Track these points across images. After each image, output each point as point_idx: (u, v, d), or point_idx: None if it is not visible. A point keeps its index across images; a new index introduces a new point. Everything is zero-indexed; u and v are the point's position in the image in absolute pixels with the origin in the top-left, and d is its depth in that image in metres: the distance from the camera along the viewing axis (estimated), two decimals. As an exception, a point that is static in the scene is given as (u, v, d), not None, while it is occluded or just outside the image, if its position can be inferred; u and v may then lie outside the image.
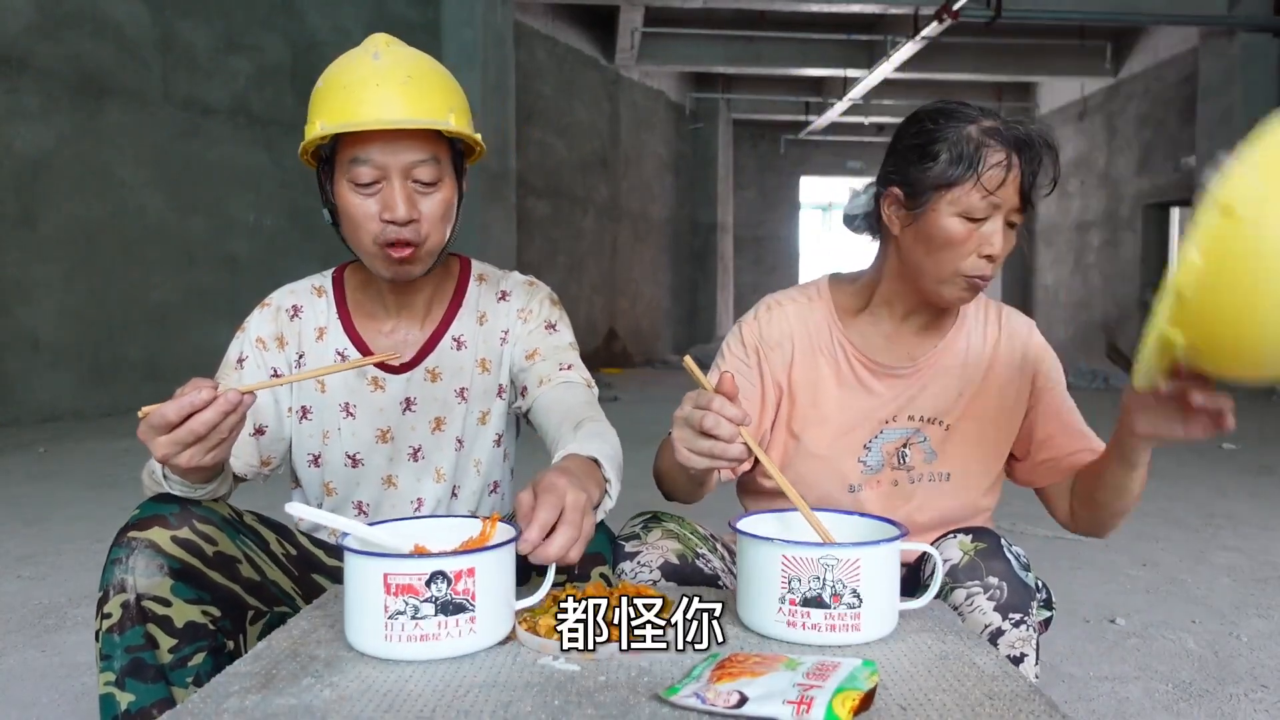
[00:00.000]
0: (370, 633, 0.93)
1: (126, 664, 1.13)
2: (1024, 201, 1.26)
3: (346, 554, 0.95)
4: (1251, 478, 4.96)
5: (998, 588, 1.18)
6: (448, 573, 0.91)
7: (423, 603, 0.91)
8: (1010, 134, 1.25)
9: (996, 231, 1.26)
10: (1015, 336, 1.43)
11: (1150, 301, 1.45)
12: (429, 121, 1.26)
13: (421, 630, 0.91)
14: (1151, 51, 12.64)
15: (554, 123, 11.93)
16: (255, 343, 1.42)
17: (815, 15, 12.27)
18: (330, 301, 1.45)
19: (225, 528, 1.22)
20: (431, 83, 1.29)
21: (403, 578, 0.91)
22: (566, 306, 1.55)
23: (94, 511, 3.89)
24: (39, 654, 2.36)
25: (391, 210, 1.26)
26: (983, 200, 1.25)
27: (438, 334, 1.44)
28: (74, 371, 6.88)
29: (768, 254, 18.96)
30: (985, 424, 1.41)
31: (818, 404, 1.40)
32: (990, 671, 0.92)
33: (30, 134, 6.57)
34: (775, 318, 1.43)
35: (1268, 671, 2.30)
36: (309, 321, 1.43)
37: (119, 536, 1.16)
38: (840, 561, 0.97)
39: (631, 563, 1.26)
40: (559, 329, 1.47)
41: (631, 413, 7.67)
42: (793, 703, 0.80)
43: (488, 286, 1.49)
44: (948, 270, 1.29)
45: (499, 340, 1.46)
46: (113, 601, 1.13)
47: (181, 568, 1.15)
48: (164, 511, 1.17)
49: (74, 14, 6.82)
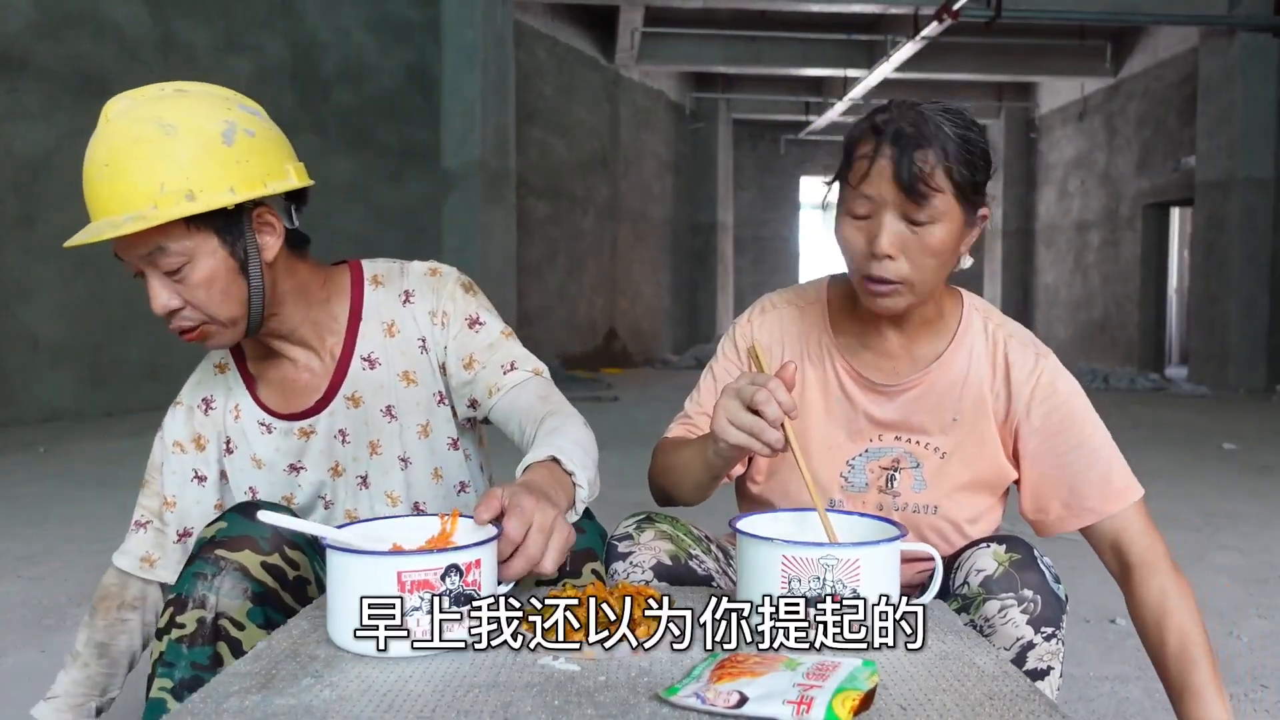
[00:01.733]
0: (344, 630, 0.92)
1: (188, 678, 1.13)
2: (909, 192, 1.15)
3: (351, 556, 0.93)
4: (1251, 477, 4.96)
5: (1032, 600, 1.15)
6: (460, 565, 0.91)
7: (438, 596, 0.90)
8: (881, 122, 1.17)
9: (882, 228, 1.17)
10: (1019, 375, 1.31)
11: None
12: (109, 223, 1.14)
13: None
14: (1151, 51, 12.64)
15: (554, 123, 11.93)
16: (173, 447, 1.41)
17: (815, 15, 12.27)
18: (235, 374, 1.41)
19: (308, 550, 1.22)
20: (129, 162, 1.15)
21: (418, 574, 0.90)
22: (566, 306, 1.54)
23: (94, 511, 3.89)
24: (39, 654, 2.36)
25: (152, 302, 1.20)
26: (855, 196, 1.19)
27: (344, 359, 1.37)
28: (74, 371, 6.88)
29: (768, 254, 18.96)
30: (983, 458, 1.32)
31: (802, 412, 1.34)
32: (990, 671, 0.92)
33: (30, 134, 6.57)
34: (769, 320, 1.41)
35: (1268, 671, 2.30)
36: (221, 409, 1.41)
37: (206, 550, 1.15)
38: (840, 561, 0.97)
39: (624, 563, 1.25)
40: (484, 320, 1.38)
41: (631, 413, 7.67)
42: (793, 703, 0.80)
43: (386, 290, 1.39)
44: (853, 274, 1.25)
45: (417, 350, 1.38)
46: (190, 614, 1.13)
47: (264, 592, 1.15)
48: (255, 533, 1.16)
49: (74, 14, 6.81)
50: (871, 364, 1.33)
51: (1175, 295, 13.54)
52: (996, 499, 1.37)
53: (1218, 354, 10.50)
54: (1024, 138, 16.46)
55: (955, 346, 1.32)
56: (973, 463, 1.32)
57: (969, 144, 1.18)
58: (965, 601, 1.18)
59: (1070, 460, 1.28)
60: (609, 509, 1.32)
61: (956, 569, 1.22)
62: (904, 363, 1.33)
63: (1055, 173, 15.58)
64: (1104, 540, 1.29)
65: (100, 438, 5.93)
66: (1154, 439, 6.34)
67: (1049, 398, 1.30)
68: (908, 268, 1.19)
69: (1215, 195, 10.52)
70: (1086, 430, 1.29)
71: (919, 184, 1.15)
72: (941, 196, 1.17)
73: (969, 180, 1.18)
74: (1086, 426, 1.30)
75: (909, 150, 1.15)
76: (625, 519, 1.33)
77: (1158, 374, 11.86)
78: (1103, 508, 1.27)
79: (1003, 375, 1.32)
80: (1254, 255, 10.25)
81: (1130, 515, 1.27)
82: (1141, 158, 12.93)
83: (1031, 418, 1.30)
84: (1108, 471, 1.28)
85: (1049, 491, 1.31)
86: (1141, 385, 10.66)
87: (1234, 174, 10.26)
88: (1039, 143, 16.14)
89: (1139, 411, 8.09)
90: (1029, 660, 1.15)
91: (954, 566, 1.23)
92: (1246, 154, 10.19)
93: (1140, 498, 1.28)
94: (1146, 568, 1.26)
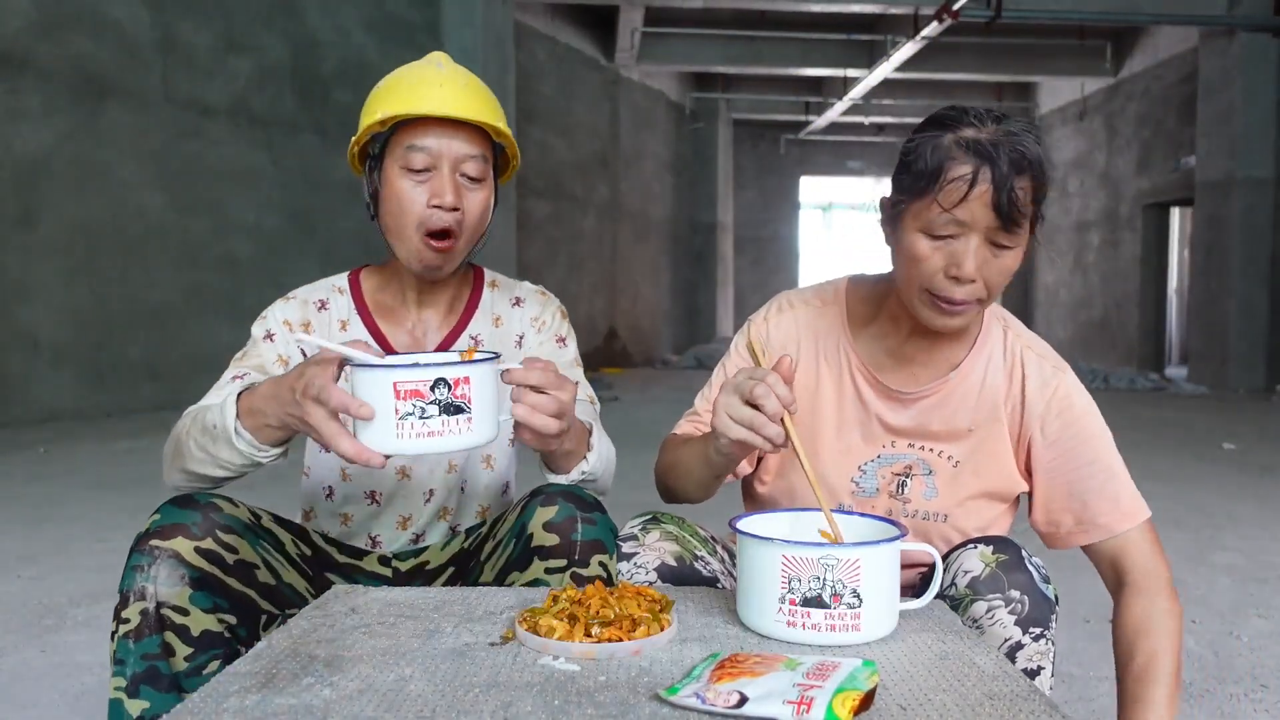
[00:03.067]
0: (383, 433, 1.03)
1: (141, 671, 1.14)
2: (1005, 221, 1.13)
3: (356, 370, 1.05)
4: (1252, 478, 4.97)
5: (1019, 601, 1.14)
6: (448, 379, 1.04)
7: (428, 404, 1.03)
8: (985, 147, 1.12)
9: (967, 252, 1.14)
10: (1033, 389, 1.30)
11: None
12: (485, 119, 1.36)
13: (429, 428, 1.04)
14: (1151, 51, 12.65)
15: (554, 123, 11.93)
16: (283, 324, 1.44)
17: (815, 15, 12.27)
18: (349, 300, 1.48)
19: (246, 534, 1.22)
20: (487, 93, 1.41)
21: (410, 384, 1.03)
22: (566, 305, 1.60)
23: (94, 511, 3.89)
24: (39, 654, 2.36)
25: (440, 196, 1.34)
26: (942, 217, 1.14)
27: (456, 331, 1.49)
28: (74, 371, 6.88)
29: (768, 254, 18.97)
30: (995, 468, 1.31)
31: (815, 414, 1.34)
32: (990, 671, 0.92)
33: (30, 134, 6.57)
34: (785, 320, 1.39)
35: (1268, 671, 2.30)
36: (334, 314, 1.47)
37: (140, 543, 1.15)
38: (840, 561, 0.97)
39: (628, 564, 1.24)
40: (568, 344, 1.55)
41: (631, 413, 7.67)
42: (793, 703, 0.80)
43: (500, 293, 1.55)
44: (914, 287, 1.20)
45: (514, 343, 1.52)
46: (132, 608, 1.13)
47: (201, 576, 1.15)
48: (186, 520, 1.17)
49: (74, 14, 6.82)
50: (890, 370, 1.32)
51: (1175, 295, 13.54)
52: (1006, 508, 1.36)
53: (1218, 354, 10.51)
54: (1024, 138, 16.45)
55: (974, 355, 1.31)
56: (984, 472, 1.31)
57: (1045, 166, 1.17)
58: (953, 603, 1.17)
59: (1083, 476, 1.28)
60: (612, 509, 1.32)
61: (944, 570, 1.21)
62: (923, 370, 1.31)
63: (1055, 173, 15.49)
64: (1106, 557, 1.28)
65: (100, 438, 5.93)
66: (1154, 439, 6.34)
67: (1064, 412, 1.29)
68: (983, 289, 1.18)
69: (1215, 195, 10.53)
70: (1099, 448, 1.28)
71: (1016, 212, 1.13)
72: (1025, 221, 1.16)
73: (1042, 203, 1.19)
74: (1100, 444, 1.29)
75: (1011, 178, 1.12)
76: (631, 519, 1.32)
77: (1158, 374, 11.87)
78: (1113, 525, 1.26)
79: (1019, 387, 1.30)
80: (1254, 255, 10.25)
81: (1137, 535, 1.26)
82: (1141, 158, 12.93)
83: (1046, 432, 1.29)
84: (1118, 490, 1.27)
85: (1060, 505, 1.30)
86: (1141, 385, 10.66)
87: (1234, 174, 10.26)
88: (1039, 143, 16.14)
89: (1139, 412, 8.09)
90: (1018, 661, 1.14)
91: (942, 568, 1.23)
92: (1246, 154, 10.19)
93: (1148, 519, 1.28)
94: (1140, 588, 1.25)
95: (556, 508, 1.24)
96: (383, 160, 1.38)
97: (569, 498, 1.26)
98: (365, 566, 1.47)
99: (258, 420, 1.17)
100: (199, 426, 1.23)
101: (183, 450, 1.25)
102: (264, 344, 1.42)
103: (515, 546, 1.27)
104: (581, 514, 1.25)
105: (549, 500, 1.26)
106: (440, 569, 1.49)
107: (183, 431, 1.26)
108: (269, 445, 1.19)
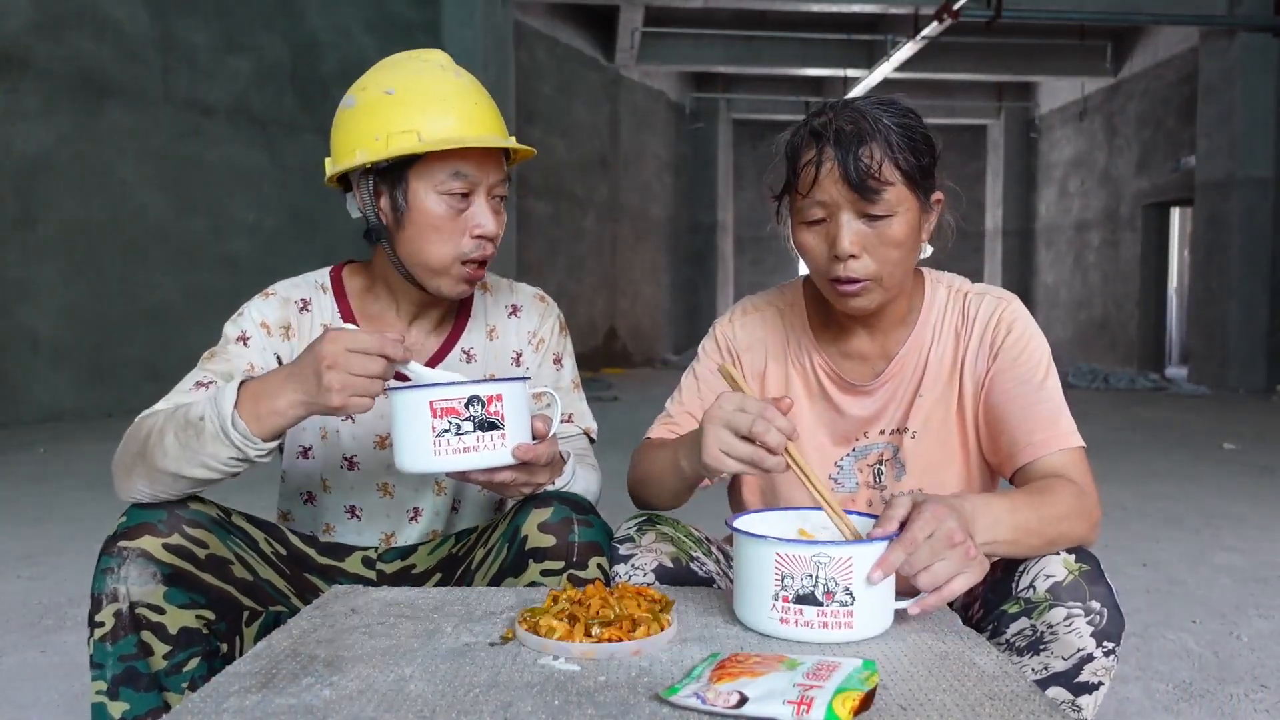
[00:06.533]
0: (421, 450, 1.10)
1: (120, 673, 1.13)
2: (862, 190, 1.15)
3: (395, 393, 1.11)
4: (1252, 478, 4.96)
5: (1099, 613, 1.10)
6: (481, 396, 1.10)
7: (463, 420, 1.09)
8: (823, 128, 1.17)
9: (841, 229, 1.18)
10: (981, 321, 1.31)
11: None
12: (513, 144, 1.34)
13: (464, 444, 1.10)
14: (1151, 51, 12.65)
15: (554, 123, 11.93)
16: (260, 325, 1.37)
17: (815, 15, 12.28)
18: (332, 302, 1.42)
19: (215, 529, 1.21)
20: (494, 105, 1.37)
21: (445, 401, 1.09)
22: (566, 306, 1.57)
23: (94, 511, 3.89)
24: (39, 654, 2.36)
25: (482, 226, 1.31)
26: (807, 203, 1.19)
27: (448, 345, 1.44)
28: (74, 371, 6.88)
29: (768, 254, 18.95)
30: (951, 427, 1.32)
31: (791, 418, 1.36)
32: (990, 671, 0.92)
33: (30, 134, 6.57)
34: (750, 322, 1.41)
35: (1268, 671, 2.30)
36: (316, 316, 1.41)
37: (108, 545, 1.15)
38: (833, 559, 0.97)
39: (625, 565, 1.24)
40: (564, 365, 1.51)
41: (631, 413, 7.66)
42: (793, 703, 0.80)
43: (495, 298, 1.49)
44: (819, 278, 1.24)
45: (510, 360, 1.48)
46: (105, 611, 1.13)
47: (174, 573, 1.14)
48: (152, 519, 1.16)
49: (74, 14, 6.82)
50: (847, 365, 1.35)
51: (1175, 295, 13.54)
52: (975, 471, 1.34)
53: (1218, 354, 10.50)
54: (1024, 138, 16.46)
55: (919, 329, 1.33)
56: (937, 433, 1.32)
57: (910, 131, 1.19)
58: (1028, 605, 1.12)
59: (1025, 392, 1.26)
60: (610, 510, 1.32)
61: (1022, 572, 1.15)
62: (878, 360, 1.34)
63: (1055, 173, 15.58)
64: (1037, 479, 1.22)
65: (100, 438, 5.93)
66: (1154, 439, 6.34)
67: (1010, 330, 1.30)
68: (873, 264, 1.20)
69: (1215, 195, 10.52)
70: (1042, 373, 1.28)
71: (869, 180, 1.16)
72: (893, 189, 1.18)
73: (916, 167, 1.19)
74: (1042, 370, 1.28)
75: (853, 148, 1.16)
76: (626, 520, 1.32)
77: (1158, 374, 11.87)
78: (1049, 442, 1.23)
79: (970, 328, 1.32)
80: (1254, 255, 10.24)
81: (1070, 459, 1.23)
82: (1141, 158, 12.93)
83: (1000, 358, 1.29)
84: (1056, 413, 1.25)
85: (1001, 422, 1.28)
86: (1141, 385, 10.66)
87: (1234, 174, 10.26)
88: (1039, 143, 16.15)
89: (1139, 412, 8.08)
90: (1084, 673, 1.10)
91: (1019, 569, 1.16)
92: (1246, 154, 10.18)
93: (1083, 448, 1.25)
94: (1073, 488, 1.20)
95: (552, 509, 1.24)
96: (406, 182, 1.28)
97: (564, 500, 1.26)
98: (347, 568, 1.43)
99: (265, 405, 1.12)
100: (177, 423, 1.16)
101: (152, 452, 1.17)
102: (235, 347, 1.35)
103: (509, 551, 1.25)
104: (578, 516, 1.24)
105: (544, 502, 1.25)
106: (427, 573, 1.44)
107: (151, 432, 1.18)
108: (262, 438, 1.14)
